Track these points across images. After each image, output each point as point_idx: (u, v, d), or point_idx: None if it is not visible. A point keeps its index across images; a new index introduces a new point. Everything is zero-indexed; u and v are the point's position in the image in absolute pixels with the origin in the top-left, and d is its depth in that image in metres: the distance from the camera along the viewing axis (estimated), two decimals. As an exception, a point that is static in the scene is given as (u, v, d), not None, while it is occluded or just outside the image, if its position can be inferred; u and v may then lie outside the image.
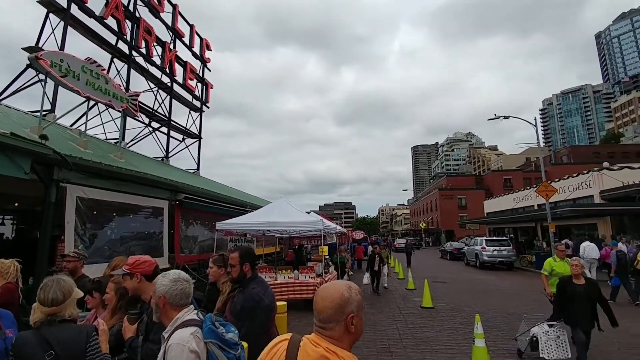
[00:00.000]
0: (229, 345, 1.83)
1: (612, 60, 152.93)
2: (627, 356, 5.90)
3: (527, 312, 9.09)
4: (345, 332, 1.27)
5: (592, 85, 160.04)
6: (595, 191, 17.53)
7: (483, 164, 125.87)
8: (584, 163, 44.26)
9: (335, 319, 1.26)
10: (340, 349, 1.24)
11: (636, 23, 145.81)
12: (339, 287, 1.32)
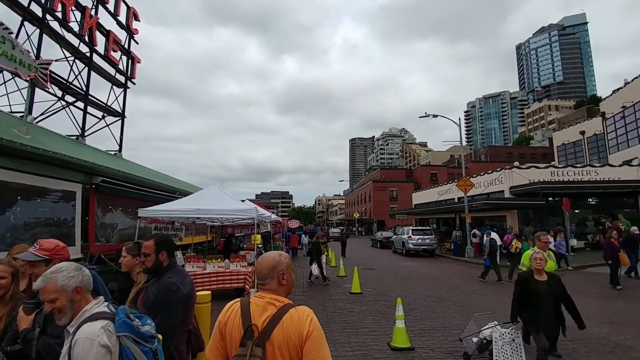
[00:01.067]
0: (144, 338, 1.71)
1: (529, 70, 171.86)
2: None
3: (444, 294, 10.00)
4: (279, 285, 1.74)
5: (510, 92, 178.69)
6: (506, 187, 19.68)
7: (414, 158, 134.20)
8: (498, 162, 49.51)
9: (270, 276, 1.73)
10: (280, 297, 1.71)
11: (553, 37, 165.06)
12: (272, 254, 1.80)
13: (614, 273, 10.24)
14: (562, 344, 5.43)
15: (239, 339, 1.58)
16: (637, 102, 23.22)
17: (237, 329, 1.61)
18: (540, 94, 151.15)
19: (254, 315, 1.62)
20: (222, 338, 1.66)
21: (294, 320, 1.60)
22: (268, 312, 1.62)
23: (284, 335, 1.56)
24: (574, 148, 32.21)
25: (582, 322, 4.33)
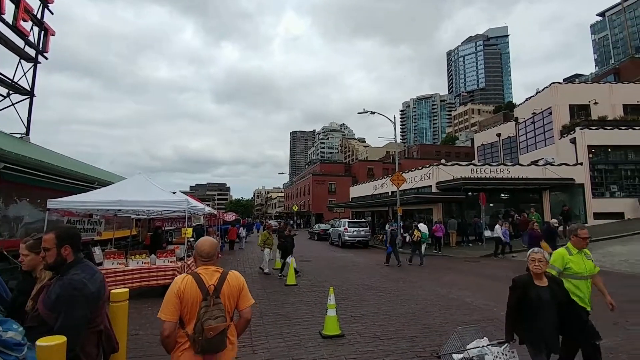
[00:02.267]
0: (8, 346, 1.54)
1: (457, 75, 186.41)
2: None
3: (375, 282, 10.50)
4: (217, 259, 2.52)
5: (440, 94, 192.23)
6: (433, 182, 21.20)
7: (352, 153, 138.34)
8: (428, 159, 53.09)
9: (214, 253, 2.54)
10: (219, 267, 2.54)
11: (478, 47, 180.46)
12: (210, 238, 2.60)
13: None
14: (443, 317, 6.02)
15: (197, 298, 2.29)
16: (545, 109, 26.44)
17: (195, 292, 2.31)
18: (466, 98, 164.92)
19: (206, 280, 2.37)
20: (179, 301, 2.28)
21: (233, 279, 2.52)
22: (216, 277, 2.43)
23: (230, 288, 2.45)
24: (491, 148, 35.75)
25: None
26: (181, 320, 2.31)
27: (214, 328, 2.25)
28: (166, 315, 2.25)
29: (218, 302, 2.33)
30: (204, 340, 2.23)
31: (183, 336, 2.30)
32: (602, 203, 21.35)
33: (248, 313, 2.58)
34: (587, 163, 21.72)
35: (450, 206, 21.10)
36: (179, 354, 2.29)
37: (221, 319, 2.29)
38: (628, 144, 22.01)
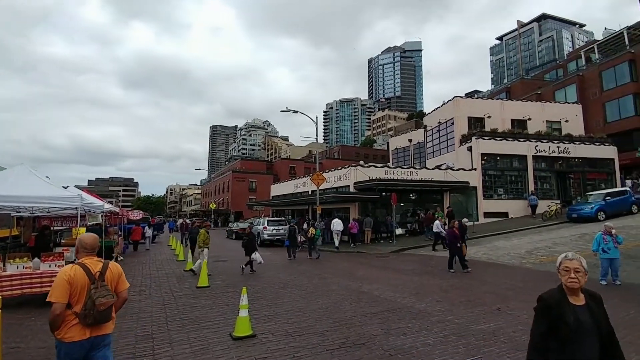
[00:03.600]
0: None
1: (377, 82, 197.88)
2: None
3: (291, 280, 10.50)
4: (96, 251, 3.14)
5: (361, 99, 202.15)
6: (351, 182, 22.13)
7: (275, 151, 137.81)
8: (348, 159, 55.36)
9: (96, 247, 3.11)
10: (100, 257, 3.10)
11: (396, 57, 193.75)
12: (90, 233, 3.28)
13: (452, 258, 11.35)
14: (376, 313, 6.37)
15: (86, 283, 2.82)
16: (448, 119, 29.45)
17: (84, 278, 2.83)
18: (384, 104, 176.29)
19: (92, 268, 2.91)
20: (70, 286, 2.75)
21: (114, 266, 3.09)
22: (99, 265, 2.98)
23: (112, 274, 3.03)
24: (404, 152, 38.70)
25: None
26: (69, 303, 2.77)
27: (105, 303, 2.84)
28: (57, 298, 2.71)
29: (104, 284, 2.91)
30: (96, 313, 2.78)
31: (71, 315, 2.77)
32: (491, 204, 24.58)
33: (125, 294, 3.16)
34: (480, 169, 24.81)
35: (367, 205, 22.25)
36: (66, 330, 2.75)
37: (110, 296, 2.89)
38: (513, 153, 25.69)
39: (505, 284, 9.25)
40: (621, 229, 15.10)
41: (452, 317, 6.60)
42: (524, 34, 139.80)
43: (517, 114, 29.31)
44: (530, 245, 14.74)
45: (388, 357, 4.89)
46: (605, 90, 32.14)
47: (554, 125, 29.49)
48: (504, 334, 5.69)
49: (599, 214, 18.23)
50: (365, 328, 6.07)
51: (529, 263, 11.94)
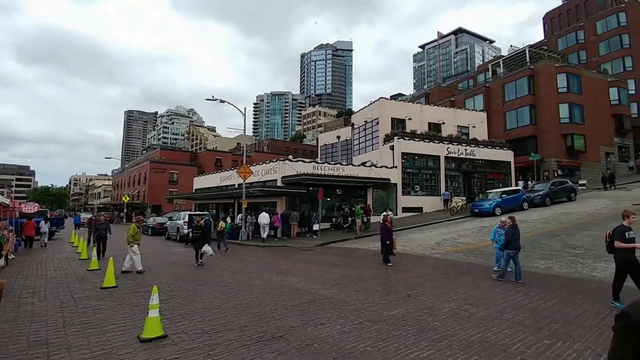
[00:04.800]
0: None
1: (309, 78, 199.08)
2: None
3: (212, 277, 10.07)
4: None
5: (292, 93, 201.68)
6: (279, 176, 22.01)
7: (201, 142, 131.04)
8: (278, 154, 54.97)
9: None
10: None
11: (328, 55, 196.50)
12: None
13: (388, 252, 11.50)
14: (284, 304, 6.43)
15: None
16: (374, 119, 30.90)
17: None
18: (315, 100, 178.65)
19: None
20: None
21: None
22: None
23: None
24: (332, 148, 39.68)
25: None
26: None
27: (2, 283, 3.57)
28: None
29: None
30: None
31: None
32: (409, 199, 26.49)
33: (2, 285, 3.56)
34: (400, 167, 26.55)
35: (294, 199, 22.34)
36: None
37: None
38: (429, 153, 27.95)
39: (417, 273, 10.03)
40: (512, 222, 17.44)
41: (368, 305, 6.94)
42: (443, 45, 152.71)
43: (433, 117, 31.96)
44: (439, 237, 16.21)
45: (305, 347, 4.96)
46: (506, 101, 36.66)
47: (463, 130, 32.81)
48: (412, 318, 6.15)
49: (496, 209, 20.76)
50: (285, 321, 6.09)
51: (437, 253, 13.12)
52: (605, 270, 9.29)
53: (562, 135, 33.34)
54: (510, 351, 4.76)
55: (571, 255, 10.98)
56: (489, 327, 5.66)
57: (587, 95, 34.38)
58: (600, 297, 7.15)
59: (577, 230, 14.19)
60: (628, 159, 37.40)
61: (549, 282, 8.57)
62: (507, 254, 8.80)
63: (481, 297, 7.45)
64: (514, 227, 8.96)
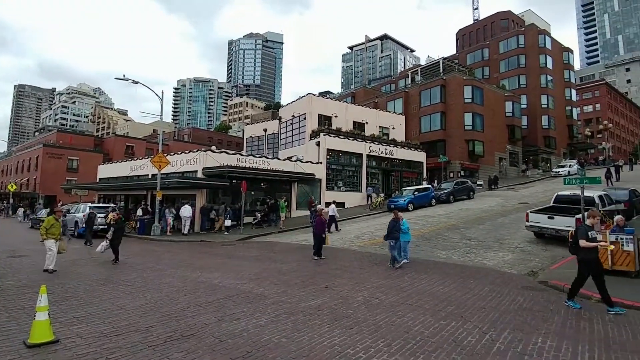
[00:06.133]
0: None
1: (236, 67, 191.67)
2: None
3: (115, 275, 9.17)
4: None
5: (218, 81, 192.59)
6: (200, 167, 20.86)
7: (109, 126, 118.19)
8: (200, 144, 52.05)
9: None
10: None
11: (258, 45, 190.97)
12: None
13: (320, 245, 11.41)
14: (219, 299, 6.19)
15: None
16: (301, 114, 31.08)
17: None
18: (242, 90, 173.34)
19: None
20: None
21: None
22: None
23: None
24: (258, 141, 38.99)
25: None
26: None
27: None
28: None
29: None
30: None
31: None
32: (332, 194, 27.21)
33: None
34: (325, 162, 27.19)
35: (217, 192, 21.43)
36: None
37: None
38: (352, 151, 29.09)
39: (335, 265, 10.40)
40: (423, 217, 19.10)
41: (286, 298, 6.99)
42: (370, 48, 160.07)
43: (358, 117, 33.36)
44: (358, 231, 17.03)
45: (217, 343, 4.81)
46: (422, 106, 39.87)
47: (384, 130, 34.89)
48: (327, 308, 6.37)
49: (409, 205, 22.50)
50: (197, 318, 5.82)
51: (355, 246, 13.77)
52: (493, 259, 10.72)
53: (465, 140, 37.47)
54: (412, 332, 5.22)
55: (467, 246, 12.42)
56: (395, 312, 6.12)
57: (487, 107, 39.13)
58: (489, 282, 8.22)
59: (473, 225, 16.10)
60: (517, 164, 43.65)
61: (448, 270, 9.58)
62: (389, 243, 9.91)
63: (391, 285, 8.02)
64: (394, 220, 9.99)
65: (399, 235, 10.01)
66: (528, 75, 48.25)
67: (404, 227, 10.45)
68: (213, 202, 21.16)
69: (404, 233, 10.40)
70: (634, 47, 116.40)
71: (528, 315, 6.01)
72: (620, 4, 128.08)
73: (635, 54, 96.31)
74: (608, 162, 42.29)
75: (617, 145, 68.28)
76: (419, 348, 4.69)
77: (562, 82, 51.23)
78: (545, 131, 47.88)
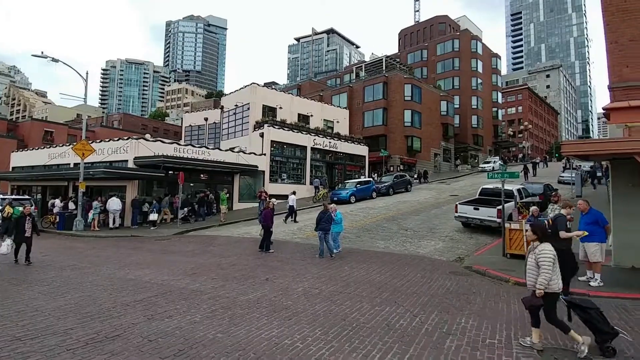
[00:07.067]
0: None
1: (175, 50, 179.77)
2: (113, 297, 6.62)
3: (29, 274, 8.18)
4: None
5: (154, 64, 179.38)
6: (131, 157, 19.29)
7: (25, 108, 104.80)
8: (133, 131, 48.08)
9: None
10: None
11: (199, 29, 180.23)
12: None
13: (269, 238, 11.19)
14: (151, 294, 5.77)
15: None
16: (245, 104, 30.17)
17: None
18: (181, 76, 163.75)
19: None
20: None
21: None
22: None
23: None
24: (198, 130, 37.22)
25: None
26: None
27: None
28: None
29: None
30: None
31: None
32: (276, 187, 26.98)
33: None
34: (269, 154, 26.78)
35: (152, 183, 20.07)
36: None
37: None
38: (297, 143, 28.97)
39: (277, 257, 10.31)
40: (364, 209, 19.71)
41: (224, 292, 6.77)
42: (317, 42, 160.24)
43: (303, 109, 33.31)
44: (301, 223, 17.07)
45: (146, 343, 4.50)
46: (365, 102, 40.94)
47: (329, 123, 35.30)
48: (267, 300, 6.29)
49: (351, 197, 23.09)
50: (124, 318, 5.41)
51: (298, 238, 13.79)
52: (426, 248, 11.41)
53: (405, 136, 39.35)
54: (349, 319, 5.35)
55: (404, 236, 13.08)
56: (334, 301, 6.24)
57: (425, 105, 41.39)
58: (421, 269, 8.73)
59: (409, 216, 17.00)
60: (450, 160, 46.97)
61: (386, 258, 10.00)
62: (318, 234, 10.14)
63: (331, 275, 8.15)
64: (322, 212, 10.19)
65: (329, 227, 10.20)
66: (461, 78, 51.85)
67: (337, 218, 10.65)
68: (147, 194, 19.81)
69: (337, 224, 10.61)
70: (555, 56, 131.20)
71: (454, 298, 6.49)
72: (546, 15, 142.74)
73: (555, 62, 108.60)
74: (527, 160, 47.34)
75: (536, 144, 76.64)
76: (354, 334, 4.82)
77: (490, 85, 55.97)
78: (475, 130, 52.08)
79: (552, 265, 4.31)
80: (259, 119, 28.96)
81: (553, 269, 4.31)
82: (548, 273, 4.25)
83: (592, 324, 4.31)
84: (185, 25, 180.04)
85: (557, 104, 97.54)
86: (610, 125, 9.19)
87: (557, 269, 4.40)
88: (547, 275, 4.24)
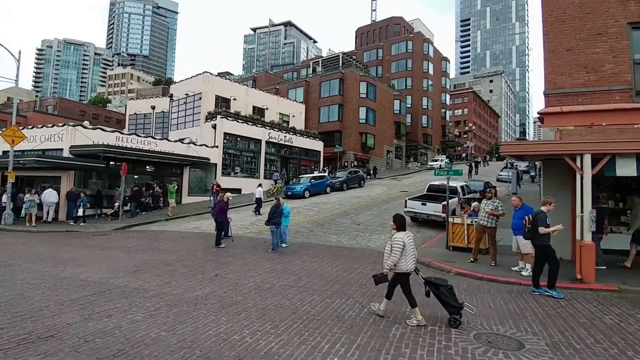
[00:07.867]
0: None
1: (119, 32, 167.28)
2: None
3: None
4: None
5: (95, 46, 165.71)
6: (67, 145, 17.70)
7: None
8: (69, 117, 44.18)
9: None
10: None
11: (147, 11, 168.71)
12: None
13: (221, 233, 10.98)
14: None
15: None
16: (196, 93, 28.93)
17: None
18: (126, 60, 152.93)
19: None
20: None
21: None
22: None
23: None
24: (144, 119, 35.11)
25: None
26: None
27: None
28: None
29: None
30: None
31: None
32: (229, 180, 26.28)
33: None
34: (222, 147, 25.98)
35: (91, 174, 18.61)
36: None
37: None
38: (251, 136, 28.36)
39: (227, 252, 10.08)
40: (318, 204, 19.87)
41: (170, 289, 6.49)
42: (274, 33, 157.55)
43: (258, 102, 32.69)
44: (254, 217, 16.83)
45: (83, 344, 4.20)
46: (322, 97, 41.11)
47: (285, 117, 34.99)
48: (216, 296, 6.14)
49: (305, 192, 23.16)
50: (58, 318, 5.00)
51: (251, 232, 13.59)
52: (377, 241, 11.79)
53: (359, 133, 40.18)
54: (299, 312, 5.39)
55: (356, 230, 13.40)
56: (285, 295, 6.24)
57: (379, 103, 42.50)
58: (371, 262, 9.00)
59: (362, 211, 17.44)
60: (401, 157, 48.82)
61: (338, 252, 10.19)
62: (270, 229, 10.18)
63: (284, 269, 8.14)
64: (275, 207, 10.28)
65: (281, 221, 10.23)
66: (413, 78, 53.95)
67: (285, 212, 10.65)
68: (84, 186, 18.36)
69: (285, 217, 10.63)
70: (498, 62, 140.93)
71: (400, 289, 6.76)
72: (492, 23, 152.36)
73: (498, 69, 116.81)
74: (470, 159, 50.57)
75: (478, 145, 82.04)
76: (304, 327, 4.86)
77: (439, 87, 58.86)
78: (425, 129, 54.60)
79: (402, 250, 5.03)
80: (211, 109, 27.97)
81: (403, 253, 5.03)
82: (395, 257, 5.01)
83: (441, 299, 5.07)
84: (132, 5, 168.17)
85: (498, 107, 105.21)
86: (543, 129, 9.99)
87: (408, 254, 5.09)
88: (394, 259, 5.01)
